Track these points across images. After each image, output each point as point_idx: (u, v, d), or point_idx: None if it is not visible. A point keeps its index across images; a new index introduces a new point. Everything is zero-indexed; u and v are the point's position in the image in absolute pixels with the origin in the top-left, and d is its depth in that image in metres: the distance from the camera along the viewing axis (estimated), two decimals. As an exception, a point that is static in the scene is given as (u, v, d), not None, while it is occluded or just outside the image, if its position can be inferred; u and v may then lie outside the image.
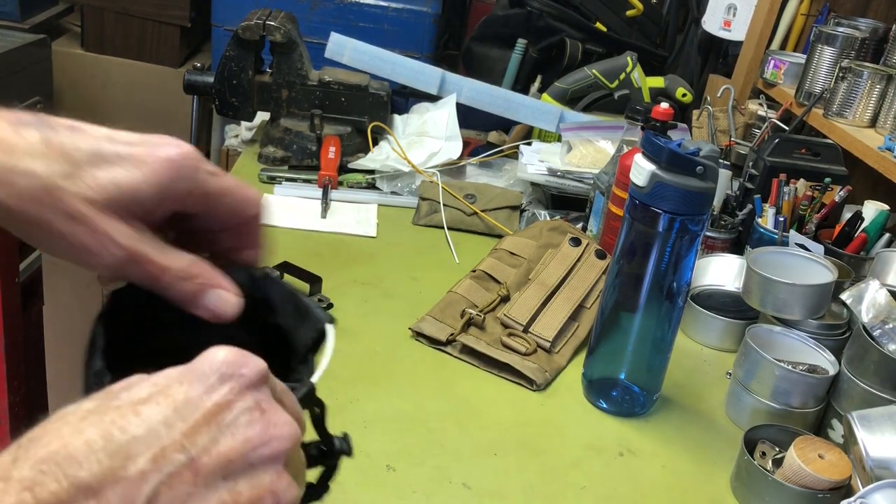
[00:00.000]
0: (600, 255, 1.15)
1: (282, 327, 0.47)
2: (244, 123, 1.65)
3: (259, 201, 0.46)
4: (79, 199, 0.38)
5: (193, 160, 0.42)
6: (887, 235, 1.20)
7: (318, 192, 1.39)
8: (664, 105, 1.18)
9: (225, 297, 0.43)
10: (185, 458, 0.31)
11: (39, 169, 0.37)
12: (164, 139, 0.42)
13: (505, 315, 1.06)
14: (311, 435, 0.42)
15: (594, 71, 1.73)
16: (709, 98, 1.69)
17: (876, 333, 0.91)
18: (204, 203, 0.43)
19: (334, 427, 0.44)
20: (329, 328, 0.45)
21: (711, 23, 1.81)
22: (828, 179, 1.26)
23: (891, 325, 0.91)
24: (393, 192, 1.45)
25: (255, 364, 0.35)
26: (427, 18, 1.81)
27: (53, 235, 0.38)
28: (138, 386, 0.33)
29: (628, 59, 1.74)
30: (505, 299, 1.10)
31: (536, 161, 1.47)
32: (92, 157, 0.39)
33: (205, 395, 0.33)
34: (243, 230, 0.46)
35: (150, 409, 0.32)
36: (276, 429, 0.34)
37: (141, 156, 0.40)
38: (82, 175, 0.38)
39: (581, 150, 1.48)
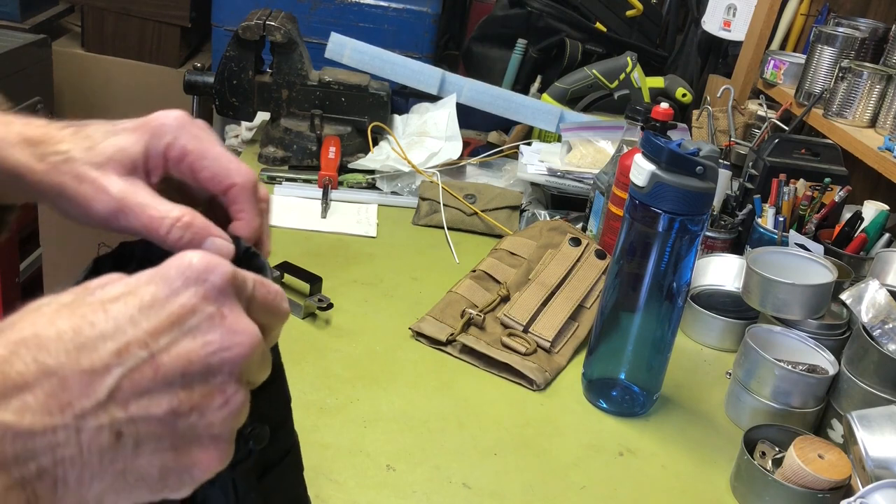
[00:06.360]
0: (600, 255, 1.15)
1: None
2: (244, 123, 1.65)
3: (244, 173, 0.47)
4: (87, 165, 0.45)
5: (177, 120, 0.47)
6: (887, 235, 1.20)
7: (319, 192, 1.39)
8: (664, 105, 1.18)
9: (219, 245, 0.45)
10: (147, 355, 0.33)
11: (65, 147, 0.46)
12: (166, 111, 0.47)
13: (505, 315, 1.06)
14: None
15: (594, 71, 1.73)
16: (709, 98, 1.69)
17: (876, 333, 0.91)
18: (182, 161, 0.47)
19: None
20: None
21: (711, 23, 1.81)
22: (828, 179, 1.26)
23: (890, 325, 0.91)
24: (393, 192, 1.45)
25: (221, 271, 0.36)
26: (427, 18, 1.81)
27: (68, 196, 0.45)
28: (112, 285, 0.35)
29: (628, 59, 1.74)
30: (505, 299, 1.10)
31: (536, 161, 1.47)
32: (107, 133, 0.47)
33: (171, 298, 0.35)
34: (231, 200, 0.48)
35: (117, 306, 0.34)
36: (236, 336, 0.35)
37: (139, 123, 0.47)
38: (96, 147, 0.46)
39: (581, 150, 1.48)
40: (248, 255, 0.48)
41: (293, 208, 1.35)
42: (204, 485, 0.42)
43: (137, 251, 0.47)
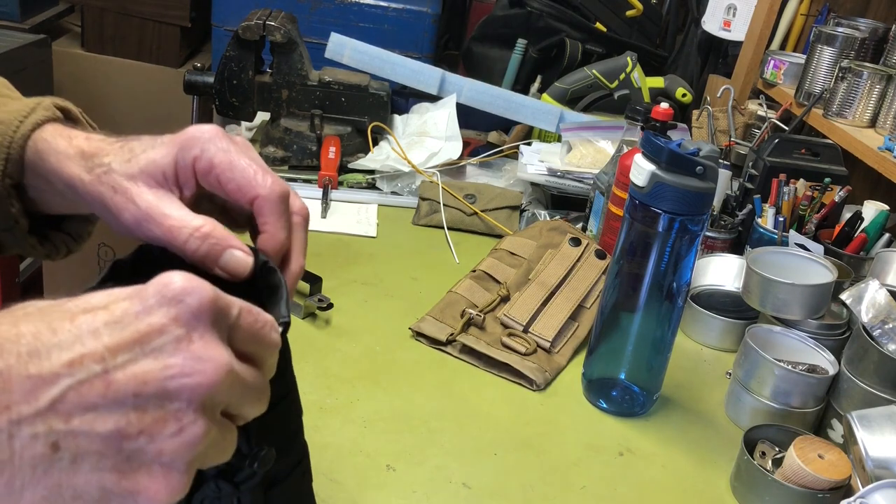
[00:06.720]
0: (600, 255, 1.15)
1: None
2: (244, 123, 1.65)
3: (269, 185, 0.48)
4: (122, 176, 0.48)
5: (207, 133, 0.48)
6: (887, 235, 1.20)
7: (319, 192, 1.40)
8: (664, 105, 1.18)
9: (238, 257, 0.46)
10: (100, 369, 0.32)
11: (108, 160, 0.48)
12: (200, 125, 0.49)
13: (505, 315, 1.06)
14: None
15: (594, 71, 1.73)
16: (709, 98, 1.69)
17: (876, 333, 0.91)
18: (209, 173, 0.47)
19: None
20: (283, 326, 0.44)
21: (711, 23, 1.81)
22: (827, 179, 1.27)
23: (890, 325, 0.91)
24: (393, 192, 1.45)
25: (200, 294, 0.34)
26: (427, 18, 1.81)
27: (105, 205, 0.48)
28: (98, 296, 0.35)
29: (628, 59, 1.74)
30: (505, 299, 1.10)
31: (536, 161, 1.47)
32: (145, 147, 0.48)
33: (141, 316, 0.34)
34: (256, 212, 0.48)
35: (86, 318, 0.33)
36: (200, 363, 0.33)
37: (173, 137, 0.48)
38: (132, 159, 0.48)
39: (581, 150, 1.48)
40: (264, 270, 0.47)
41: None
42: (207, 501, 0.41)
43: (155, 254, 0.47)
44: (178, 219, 0.46)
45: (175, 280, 0.34)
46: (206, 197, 0.50)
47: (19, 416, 0.31)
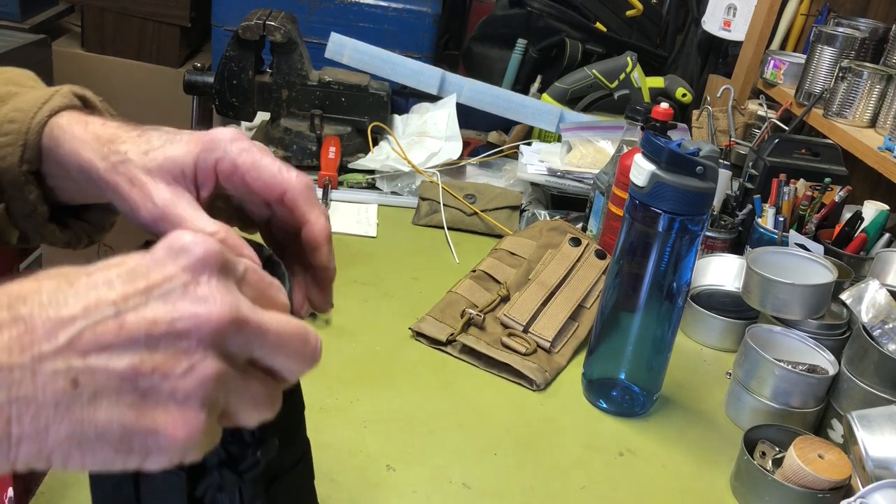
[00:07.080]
0: (600, 255, 1.15)
1: None
2: (244, 123, 1.65)
3: (295, 179, 0.49)
4: (139, 169, 0.48)
5: (228, 135, 0.49)
6: (887, 235, 1.20)
7: (319, 192, 1.40)
8: (664, 105, 1.18)
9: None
10: (113, 312, 0.34)
11: (124, 148, 0.49)
12: (221, 128, 0.50)
13: (505, 315, 1.06)
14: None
15: (594, 71, 1.73)
16: (709, 98, 1.69)
17: (876, 333, 0.91)
18: (233, 174, 0.48)
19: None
20: None
21: (711, 23, 1.81)
22: (828, 179, 1.27)
23: (891, 325, 0.91)
24: (393, 192, 1.45)
25: (206, 245, 0.36)
26: (427, 18, 1.81)
27: (121, 196, 0.48)
28: (114, 258, 0.37)
29: (628, 59, 1.74)
30: (505, 299, 1.10)
31: (536, 161, 1.47)
32: (164, 141, 0.49)
33: (153, 268, 0.36)
34: (289, 207, 0.49)
35: (102, 272, 0.35)
36: (205, 304, 0.35)
37: (195, 136, 0.49)
38: (150, 153, 0.48)
39: (581, 150, 1.48)
40: (269, 263, 0.48)
41: (293, 208, 1.35)
42: (211, 490, 0.42)
43: None
44: (193, 223, 0.47)
45: (184, 236, 0.36)
46: (221, 197, 0.51)
47: (40, 353, 0.33)
